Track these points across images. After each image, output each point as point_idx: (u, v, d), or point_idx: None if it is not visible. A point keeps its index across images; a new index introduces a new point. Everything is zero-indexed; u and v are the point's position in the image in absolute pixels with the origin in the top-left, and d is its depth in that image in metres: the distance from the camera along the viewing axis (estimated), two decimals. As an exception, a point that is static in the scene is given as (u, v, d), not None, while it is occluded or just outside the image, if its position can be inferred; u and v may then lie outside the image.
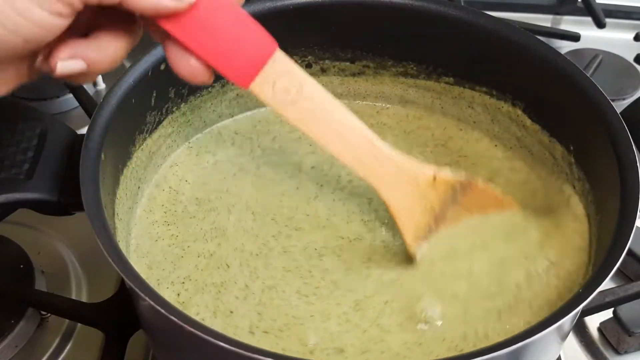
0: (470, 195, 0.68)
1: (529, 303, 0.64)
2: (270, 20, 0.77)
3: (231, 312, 0.65)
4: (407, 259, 0.68)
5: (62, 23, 0.48)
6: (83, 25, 0.52)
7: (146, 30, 0.55)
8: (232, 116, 0.84)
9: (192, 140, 0.81)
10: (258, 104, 0.85)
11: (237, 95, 0.83)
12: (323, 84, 0.61)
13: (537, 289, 0.65)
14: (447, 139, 0.84)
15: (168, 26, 0.53)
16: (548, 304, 0.64)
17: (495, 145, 0.82)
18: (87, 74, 0.52)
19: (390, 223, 0.70)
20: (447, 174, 0.67)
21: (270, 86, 0.59)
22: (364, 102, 0.88)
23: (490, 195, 0.69)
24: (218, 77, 0.56)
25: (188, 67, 0.55)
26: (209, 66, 0.55)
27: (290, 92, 0.60)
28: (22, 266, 0.79)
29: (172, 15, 0.52)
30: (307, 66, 0.85)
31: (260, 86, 0.58)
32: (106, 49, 0.52)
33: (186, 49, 0.54)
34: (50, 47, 0.51)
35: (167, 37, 0.54)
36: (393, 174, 0.65)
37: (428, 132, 0.85)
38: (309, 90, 0.61)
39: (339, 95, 0.80)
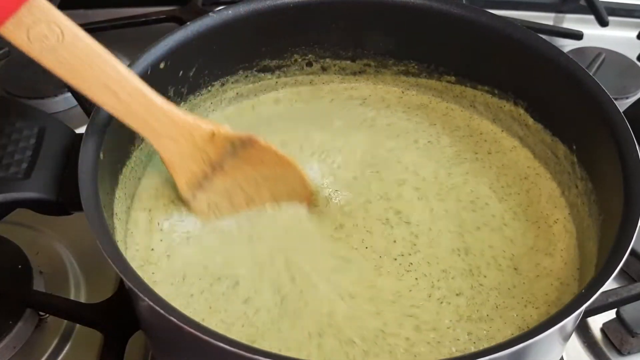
0: (250, 151, 0.70)
1: None
2: (271, 19, 0.77)
3: (226, 310, 0.66)
4: None
5: None
6: None
7: None
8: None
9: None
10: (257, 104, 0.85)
11: (237, 94, 0.84)
12: (324, 83, 0.61)
13: None
14: (448, 138, 0.84)
15: None
16: None
17: (497, 145, 0.82)
18: None
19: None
20: (226, 130, 0.69)
21: (24, 32, 0.59)
22: (365, 101, 0.88)
23: (270, 152, 0.71)
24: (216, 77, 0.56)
25: None
26: None
27: (49, 40, 0.60)
28: (20, 266, 0.79)
29: None
30: (308, 65, 0.85)
31: (12, 31, 0.58)
32: None
33: None
34: None
35: None
36: (168, 128, 0.66)
37: (429, 131, 0.85)
38: (71, 39, 0.61)
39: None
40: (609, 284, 0.55)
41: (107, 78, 0.62)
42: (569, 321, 0.53)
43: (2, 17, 0.57)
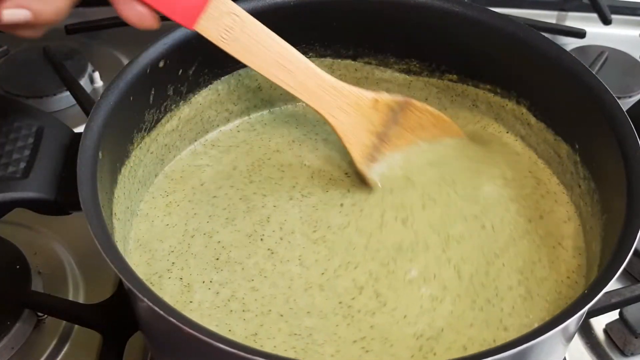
0: (408, 114, 0.76)
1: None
2: (271, 16, 0.77)
3: (230, 299, 0.66)
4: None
5: None
6: None
7: None
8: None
9: (191, 137, 0.81)
10: (257, 101, 0.85)
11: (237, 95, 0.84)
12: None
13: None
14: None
15: None
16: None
17: (499, 144, 0.82)
18: (34, 25, 0.55)
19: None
20: (386, 96, 0.75)
21: (214, 25, 0.65)
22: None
23: (427, 113, 0.77)
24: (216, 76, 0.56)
25: (134, 12, 0.60)
26: (154, 10, 0.60)
27: (234, 30, 0.66)
28: (18, 267, 0.79)
29: None
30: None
31: (204, 26, 0.65)
32: (52, 1, 0.54)
33: None
34: None
35: None
36: (337, 99, 0.73)
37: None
38: (251, 27, 0.68)
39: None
40: (612, 285, 0.55)
41: (283, 59, 0.70)
42: (572, 322, 0.53)
43: (195, 14, 0.64)
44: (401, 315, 0.65)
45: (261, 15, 0.76)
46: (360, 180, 0.76)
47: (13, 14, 0.54)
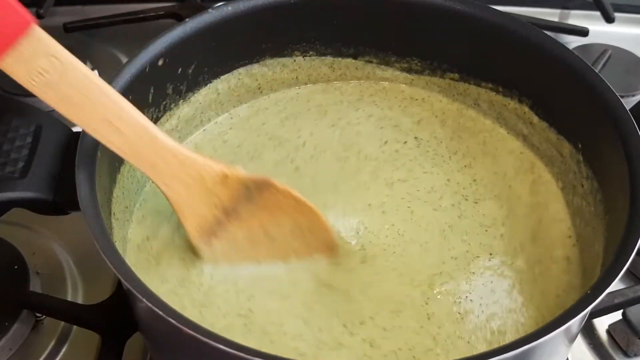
0: (267, 195, 0.67)
1: None
2: (271, 15, 0.77)
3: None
4: None
5: None
6: None
7: None
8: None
9: (190, 137, 0.81)
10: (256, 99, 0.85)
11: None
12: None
13: None
14: (452, 136, 0.84)
15: None
16: None
17: (502, 143, 0.82)
18: None
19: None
20: (239, 172, 0.66)
21: (23, 66, 0.56)
22: (367, 99, 0.88)
23: (289, 198, 0.68)
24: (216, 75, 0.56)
25: None
26: None
27: (50, 74, 0.57)
28: (16, 267, 0.79)
29: None
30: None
31: (11, 65, 0.56)
32: None
33: None
34: None
35: None
36: (174, 168, 0.64)
37: (433, 129, 0.85)
38: (74, 74, 0.58)
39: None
40: (615, 285, 0.55)
41: (110, 114, 0.60)
42: (575, 322, 0.53)
43: (0, 50, 0.55)
44: None
45: (261, 13, 0.77)
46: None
47: None
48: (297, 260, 0.69)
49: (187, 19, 0.75)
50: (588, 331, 0.79)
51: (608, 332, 0.79)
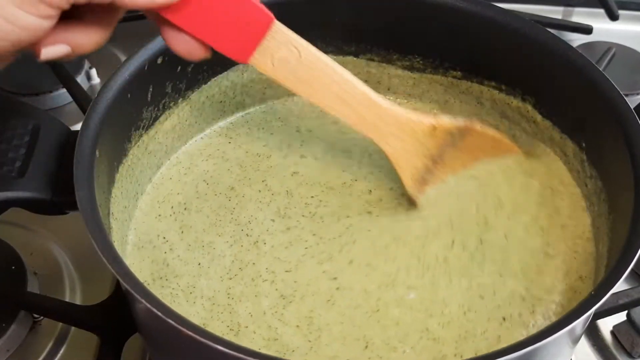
0: (468, 139, 0.74)
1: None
2: (271, 12, 0.77)
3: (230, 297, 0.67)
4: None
5: (49, 24, 0.50)
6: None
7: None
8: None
9: (189, 134, 0.82)
10: (255, 98, 0.85)
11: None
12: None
13: None
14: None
15: (162, 12, 0.56)
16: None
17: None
18: (71, 56, 0.54)
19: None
20: (445, 121, 0.72)
21: (269, 58, 0.64)
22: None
23: (488, 137, 0.75)
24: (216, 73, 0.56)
25: (185, 45, 0.59)
26: (205, 43, 0.59)
27: (290, 62, 0.65)
28: (13, 267, 0.79)
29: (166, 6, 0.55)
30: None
31: (259, 59, 0.63)
32: (91, 35, 0.55)
33: (182, 30, 0.57)
34: None
35: (161, 17, 0.57)
36: (392, 127, 0.70)
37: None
38: (308, 57, 0.65)
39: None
40: (620, 286, 0.55)
41: (339, 89, 0.67)
42: (578, 324, 0.53)
43: (251, 47, 0.62)
44: None
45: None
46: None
47: (51, 51, 0.53)
48: None
49: (186, 17, 0.75)
50: (592, 332, 0.79)
51: (612, 333, 0.79)
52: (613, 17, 1.15)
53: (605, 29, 1.16)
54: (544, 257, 0.70)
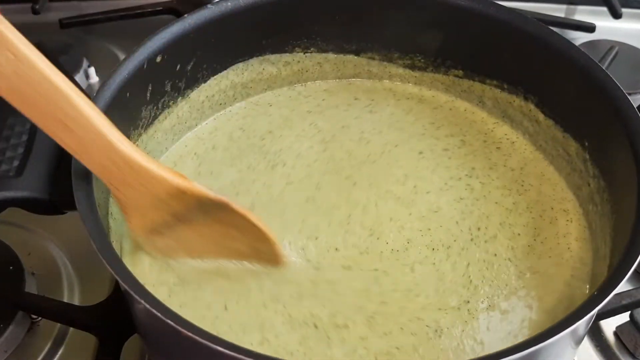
0: (224, 214, 0.65)
1: None
2: (271, 10, 0.77)
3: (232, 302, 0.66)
4: None
5: None
6: None
7: None
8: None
9: (189, 135, 0.82)
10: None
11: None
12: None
13: None
14: (456, 134, 0.84)
15: None
16: None
17: (507, 141, 0.83)
18: None
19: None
20: (198, 189, 0.63)
21: None
22: (369, 96, 0.88)
23: (246, 220, 0.66)
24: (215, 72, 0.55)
25: None
26: None
27: (5, 70, 0.54)
28: (11, 268, 0.79)
29: None
30: (310, 58, 0.85)
31: None
32: None
33: None
34: None
35: None
36: (127, 175, 0.61)
37: (437, 127, 0.85)
38: (29, 72, 0.55)
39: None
40: (623, 286, 0.55)
41: (66, 117, 0.57)
42: (581, 324, 0.53)
43: None
44: None
45: (260, 9, 0.77)
46: None
47: None
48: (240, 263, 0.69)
49: (185, 15, 0.75)
50: (595, 333, 0.79)
51: (615, 334, 0.79)
52: (616, 15, 1.15)
53: (608, 27, 1.16)
54: None
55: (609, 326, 0.80)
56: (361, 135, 0.82)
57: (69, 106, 0.56)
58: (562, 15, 1.22)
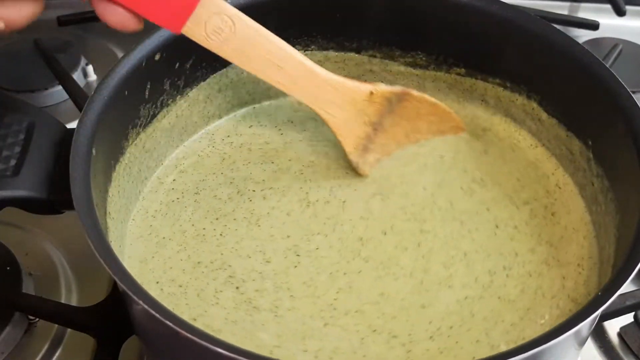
0: (405, 104, 0.77)
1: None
2: (271, 8, 0.77)
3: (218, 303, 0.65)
4: None
5: None
6: None
7: None
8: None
9: (189, 131, 0.82)
10: (255, 96, 0.85)
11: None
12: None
13: None
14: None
15: None
16: None
17: (510, 140, 0.83)
18: (5, 32, 0.56)
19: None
20: (382, 88, 0.75)
21: (202, 28, 0.65)
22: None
23: (425, 103, 0.78)
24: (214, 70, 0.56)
25: (116, 16, 0.60)
26: (137, 14, 0.60)
27: (223, 31, 0.65)
28: (8, 268, 0.79)
29: None
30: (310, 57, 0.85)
31: (192, 29, 0.64)
32: (24, 9, 0.55)
33: (112, 0, 0.58)
34: None
35: None
36: (330, 95, 0.73)
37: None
38: (242, 27, 0.66)
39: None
40: (627, 286, 0.55)
41: (276, 58, 0.69)
42: (585, 325, 0.53)
43: (183, 17, 0.63)
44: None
45: (262, 6, 0.76)
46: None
47: None
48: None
49: (184, 12, 0.75)
50: (599, 334, 0.79)
51: (619, 335, 0.79)
52: (620, 12, 1.15)
53: (612, 24, 1.16)
54: None
55: (612, 327, 0.80)
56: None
57: (278, 50, 0.69)
58: (565, 12, 1.22)
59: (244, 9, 0.75)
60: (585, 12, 1.22)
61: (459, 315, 0.66)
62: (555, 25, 0.76)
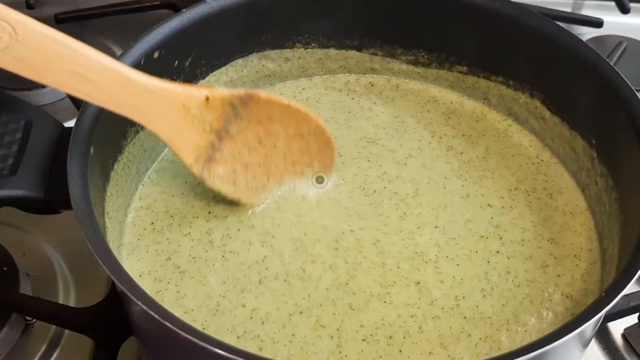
0: (252, 107, 0.69)
1: None
2: (271, 5, 0.77)
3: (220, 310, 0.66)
4: None
5: None
6: None
7: None
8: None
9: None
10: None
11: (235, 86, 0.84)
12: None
13: None
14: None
15: None
16: None
17: (512, 139, 0.83)
18: None
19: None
20: (220, 92, 0.67)
21: None
22: (372, 93, 0.89)
23: (275, 104, 0.70)
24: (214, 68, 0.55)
25: None
26: None
27: (5, 41, 0.56)
28: (5, 268, 0.79)
29: None
30: (311, 55, 0.85)
31: None
32: None
33: None
34: None
35: None
36: (155, 105, 0.64)
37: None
38: (25, 33, 0.56)
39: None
40: (631, 287, 0.55)
41: (75, 65, 0.59)
42: (589, 326, 0.53)
43: None
44: None
45: (260, 4, 0.77)
46: None
47: None
48: (298, 173, 0.75)
49: (184, 10, 0.75)
50: (602, 335, 0.79)
51: (623, 336, 0.79)
52: (624, 10, 1.15)
53: (616, 22, 1.16)
54: None
55: (617, 328, 0.80)
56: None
57: (80, 56, 0.59)
58: (569, 10, 1.21)
59: (243, 6, 0.76)
60: (589, 10, 1.22)
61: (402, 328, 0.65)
62: (559, 23, 0.76)
